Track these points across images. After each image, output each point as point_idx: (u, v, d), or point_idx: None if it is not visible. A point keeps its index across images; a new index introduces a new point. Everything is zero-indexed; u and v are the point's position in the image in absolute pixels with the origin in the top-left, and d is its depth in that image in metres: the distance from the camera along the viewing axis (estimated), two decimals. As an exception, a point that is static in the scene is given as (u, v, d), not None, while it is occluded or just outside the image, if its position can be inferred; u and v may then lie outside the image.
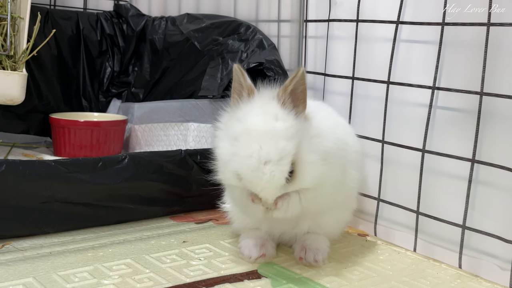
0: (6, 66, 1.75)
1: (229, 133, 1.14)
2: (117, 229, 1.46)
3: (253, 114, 1.11)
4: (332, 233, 1.36)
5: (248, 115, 1.11)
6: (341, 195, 1.28)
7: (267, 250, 1.29)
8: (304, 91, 1.13)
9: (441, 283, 1.23)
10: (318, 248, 1.28)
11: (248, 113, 1.12)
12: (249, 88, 1.15)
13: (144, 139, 2.18)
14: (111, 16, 2.42)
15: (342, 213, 1.36)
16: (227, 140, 1.13)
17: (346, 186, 1.29)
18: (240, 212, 1.33)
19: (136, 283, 1.13)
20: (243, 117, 1.12)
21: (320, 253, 1.28)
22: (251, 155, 1.07)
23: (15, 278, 1.12)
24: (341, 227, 1.41)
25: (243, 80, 1.15)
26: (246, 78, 1.15)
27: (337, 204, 1.30)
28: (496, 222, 1.25)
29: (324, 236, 1.32)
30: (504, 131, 1.22)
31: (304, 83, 1.12)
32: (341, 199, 1.30)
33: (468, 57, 1.30)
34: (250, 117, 1.11)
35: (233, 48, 2.01)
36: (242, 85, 1.15)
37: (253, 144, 1.07)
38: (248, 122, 1.10)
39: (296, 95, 1.12)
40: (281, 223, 1.25)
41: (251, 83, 1.16)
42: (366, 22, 1.52)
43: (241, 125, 1.10)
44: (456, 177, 1.33)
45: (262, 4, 2.06)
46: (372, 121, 1.52)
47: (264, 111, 1.10)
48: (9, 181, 1.28)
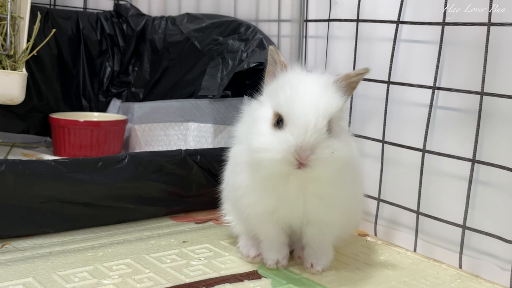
0: (6, 65, 1.75)
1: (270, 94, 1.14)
2: (117, 229, 1.46)
3: (303, 74, 1.13)
4: (339, 237, 1.32)
5: (297, 75, 1.12)
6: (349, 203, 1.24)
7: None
8: (355, 87, 1.16)
9: (441, 283, 1.23)
10: (321, 259, 1.24)
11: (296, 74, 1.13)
12: (283, 63, 1.15)
13: (144, 139, 2.18)
14: (111, 16, 2.42)
15: (349, 217, 1.31)
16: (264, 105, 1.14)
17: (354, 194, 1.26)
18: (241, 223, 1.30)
19: (136, 283, 1.13)
20: (288, 80, 1.11)
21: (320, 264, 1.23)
22: (300, 86, 1.07)
23: (15, 278, 1.12)
24: (346, 236, 1.38)
25: (278, 57, 1.15)
26: (280, 55, 1.16)
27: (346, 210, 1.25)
28: (497, 222, 1.25)
29: (329, 242, 1.26)
30: (504, 131, 1.22)
31: (360, 81, 1.15)
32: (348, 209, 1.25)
33: (468, 57, 1.29)
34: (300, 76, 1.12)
35: (233, 48, 2.01)
36: (277, 62, 1.15)
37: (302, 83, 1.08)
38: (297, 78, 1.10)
39: (349, 87, 1.14)
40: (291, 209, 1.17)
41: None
42: (366, 22, 1.52)
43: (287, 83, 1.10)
44: (456, 177, 1.33)
45: (262, 4, 2.06)
46: (372, 121, 1.52)
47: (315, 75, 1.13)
48: (9, 181, 1.27)
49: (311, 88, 1.08)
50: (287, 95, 1.07)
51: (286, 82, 1.10)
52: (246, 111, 1.25)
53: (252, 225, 1.24)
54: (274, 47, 1.16)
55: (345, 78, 1.13)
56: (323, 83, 1.10)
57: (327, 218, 1.18)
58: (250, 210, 1.19)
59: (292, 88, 1.08)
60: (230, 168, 1.28)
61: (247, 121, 1.21)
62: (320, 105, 1.05)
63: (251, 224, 1.24)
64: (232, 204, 1.31)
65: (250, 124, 1.16)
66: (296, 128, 1.03)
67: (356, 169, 1.23)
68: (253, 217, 1.21)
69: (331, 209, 1.16)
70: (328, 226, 1.22)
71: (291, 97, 1.06)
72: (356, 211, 1.36)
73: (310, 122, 1.03)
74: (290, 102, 1.06)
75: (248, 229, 1.28)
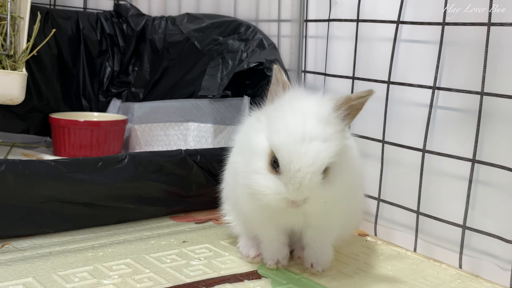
0: (6, 65, 1.75)
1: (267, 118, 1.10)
2: (117, 229, 1.46)
3: (303, 99, 1.08)
4: (339, 237, 1.32)
5: (295, 99, 1.08)
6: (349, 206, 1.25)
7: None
8: (359, 110, 1.10)
9: (441, 283, 1.23)
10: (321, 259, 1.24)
11: (295, 98, 1.08)
12: (283, 83, 1.11)
13: (144, 139, 2.18)
14: (111, 16, 2.42)
15: (349, 218, 1.32)
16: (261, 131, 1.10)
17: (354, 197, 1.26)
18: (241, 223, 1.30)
19: (136, 283, 1.13)
20: (287, 101, 1.07)
21: (320, 264, 1.23)
22: (296, 127, 1.02)
23: (15, 278, 1.12)
24: (346, 236, 1.38)
25: (280, 76, 1.11)
26: (283, 74, 1.12)
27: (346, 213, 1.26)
28: (497, 222, 1.25)
29: (329, 242, 1.26)
30: (504, 131, 1.22)
31: (364, 104, 1.09)
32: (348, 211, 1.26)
33: (468, 57, 1.29)
34: (300, 101, 1.07)
35: (233, 48, 2.01)
36: (279, 82, 1.11)
37: (299, 119, 1.03)
38: (296, 104, 1.06)
39: (352, 111, 1.09)
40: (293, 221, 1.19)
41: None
42: (366, 22, 1.52)
43: (285, 107, 1.06)
44: (456, 177, 1.33)
45: (262, 4, 2.06)
46: (372, 121, 1.52)
47: (316, 99, 1.09)
48: (9, 181, 1.27)
49: (309, 131, 1.02)
50: (281, 138, 1.03)
51: (281, 116, 1.05)
52: (245, 123, 1.24)
53: (252, 226, 1.25)
54: (278, 66, 1.11)
55: (345, 101, 1.08)
56: (323, 116, 1.04)
57: (327, 221, 1.18)
58: (249, 215, 1.21)
59: (288, 127, 1.03)
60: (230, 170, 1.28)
61: (246, 133, 1.20)
62: (318, 158, 1.02)
63: (251, 225, 1.25)
64: (232, 205, 1.31)
65: (247, 143, 1.14)
66: (290, 183, 1.02)
67: (356, 170, 1.23)
68: (253, 220, 1.22)
69: (331, 213, 1.16)
70: (328, 228, 1.22)
71: (287, 142, 1.02)
72: (356, 211, 1.36)
73: (304, 178, 1.02)
74: (286, 149, 1.02)
75: (248, 229, 1.28)
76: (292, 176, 1.02)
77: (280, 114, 1.06)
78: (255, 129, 1.13)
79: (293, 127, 1.03)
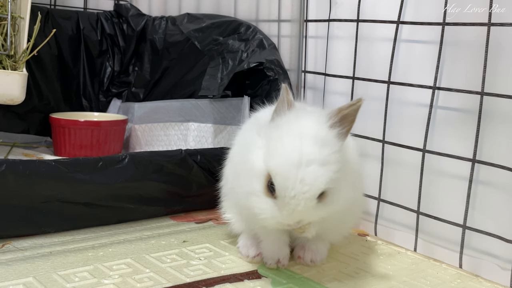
0: (6, 65, 1.75)
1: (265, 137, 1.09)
2: (117, 228, 1.46)
3: (301, 120, 1.06)
4: (336, 239, 1.35)
5: (294, 121, 1.06)
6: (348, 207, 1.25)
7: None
8: (353, 122, 1.09)
9: (441, 283, 1.23)
10: (317, 249, 1.28)
11: (294, 119, 1.07)
12: (290, 101, 1.09)
13: (144, 139, 2.18)
14: (111, 16, 2.42)
15: (347, 220, 1.33)
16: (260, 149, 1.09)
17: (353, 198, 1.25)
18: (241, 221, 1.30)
19: (136, 283, 1.13)
20: (286, 121, 1.07)
21: (319, 254, 1.28)
22: (292, 151, 1.01)
23: (15, 277, 1.12)
24: (345, 233, 1.38)
25: (286, 94, 1.08)
26: (289, 93, 1.10)
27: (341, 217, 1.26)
28: (497, 222, 1.25)
29: (327, 240, 1.31)
30: (504, 131, 1.22)
31: (356, 114, 1.08)
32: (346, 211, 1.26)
33: (468, 57, 1.29)
34: (297, 122, 1.06)
35: (233, 48, 2.02)
36: (285, 100, 1.09)
37: (296, 142, 1.02)
38: (293, 126, 1.05)
39: (345, 122, 1.08)
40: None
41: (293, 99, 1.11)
42: (366, 22, 1.52)
43: (283, 128, 1.06)
44: (456, 177, 1.33)
45: (262, 4, 2.06)
46: (372, 121, 1.52)
47: (313, 119, 1.07)
48: (9, 181, 1.28)
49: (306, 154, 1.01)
50: (277, 162, 1.03)
51: (279, 138, 1.05)
52: (241, 135, 1.23)
53: (252, 224, 1.25)
54: (286, 86, 1.09)
55: (337, 112, 1.07)
56: (320, 137, 1.04)
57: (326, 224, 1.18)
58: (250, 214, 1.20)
59: (284, 151, 1.02)
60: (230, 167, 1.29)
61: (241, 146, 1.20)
62: (313, 185, 1.01)
63: (252, 223, 1.25)
64: (232, 202, 1.31)
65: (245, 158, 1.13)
66: (285, 210, 1.03)
67: (354, 170, 1.23)
68: (254, 219, 1.21)
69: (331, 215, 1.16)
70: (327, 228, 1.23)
71: (282, 168, 1.02)
72: (355, 211, 1.36)
73: (298, 205, 1.02)
74: (281, 176, 1.02)
75: (248, 227, 1.29)
76: (287, 202, 1.03)
77: (278, 136, 1.06)
78: (255, 144, 1.12)
79: (290, 151, 1.02)
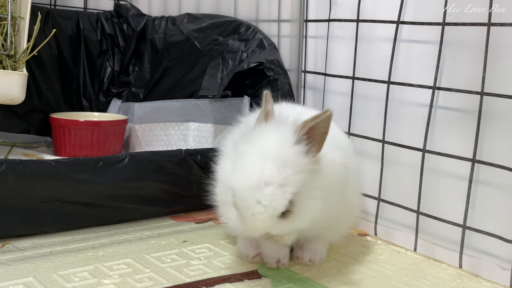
0: (7, 65, 1.75)
1: (236, 152, 1.10)
2: (117, 228, 1.46)
3: (265, 138, 1.06)
4: (335, 238, 1.35)
5: (260, 138, 1.06)
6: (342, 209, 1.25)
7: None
8: (325, 134, 1.06)
9: (441, 283, 1.23)
10: (316, 249, 1.28)
11: (260, 136, 1.07)
12: (267, 112, 1.09)
13: (144, 139, 2.18)
14: (111, 16, 2.42)
15: (344, 220, 1.33)
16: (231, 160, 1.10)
17: (346, 200, 1.25)
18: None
19: (136, 283, 1.13)
20: (254, 138, 1.07)
21: (317, 254, 1.28)
22: (252, 171, 1.02)
23: (15, 277, 1.13)
24: (343, 232, 1.38)
25: (264, 104, 1.09)
26: (269, 102, 1.09)
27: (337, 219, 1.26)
28: (497, 222, 1.25)
29: (325, 240, 1.31)
30: (504, 131, 1.22)
31: (327, 126, 1.05)
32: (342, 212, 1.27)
33: (468, 57, 1.30)
34: (261, 140, 1.06)
35: (233, 48, 2.02)
36: (263, 109, 1.10)
37: (256, 162, 1.02)
38: (258, 143, 1.05)
39: (314, 135, 1.06)
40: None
41: (272, 108, 1.10)
42: (366, 22, 1.52)
43: (249, 145, 1.06)
44: (456, 177, 1.33)
45: (262, 4, 2.06)
46: (372, 121, 1.52)
47: (278, 137, 1.05)
48: (9, 181, 1.28)
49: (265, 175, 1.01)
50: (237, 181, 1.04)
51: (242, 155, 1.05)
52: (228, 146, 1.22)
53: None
54: (268, 93, 1.09)
55: (303, 126, 1.05)
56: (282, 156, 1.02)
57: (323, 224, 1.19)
58: None
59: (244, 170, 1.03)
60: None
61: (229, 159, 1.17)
62: (270, 206, 1.01)
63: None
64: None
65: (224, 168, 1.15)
66: (246, 225, 1.05)
67: (350, 172, 1.23)
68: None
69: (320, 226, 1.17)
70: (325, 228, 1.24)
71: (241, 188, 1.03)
72: (352, 210, 1.36)
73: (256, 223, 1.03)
74: (239, 195, 1.03)
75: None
76: (246, 220, 1.04)
77: (243, 153, 1.06)
78: (230, 155, 1.13)
79: (250, 171, 1.03)
